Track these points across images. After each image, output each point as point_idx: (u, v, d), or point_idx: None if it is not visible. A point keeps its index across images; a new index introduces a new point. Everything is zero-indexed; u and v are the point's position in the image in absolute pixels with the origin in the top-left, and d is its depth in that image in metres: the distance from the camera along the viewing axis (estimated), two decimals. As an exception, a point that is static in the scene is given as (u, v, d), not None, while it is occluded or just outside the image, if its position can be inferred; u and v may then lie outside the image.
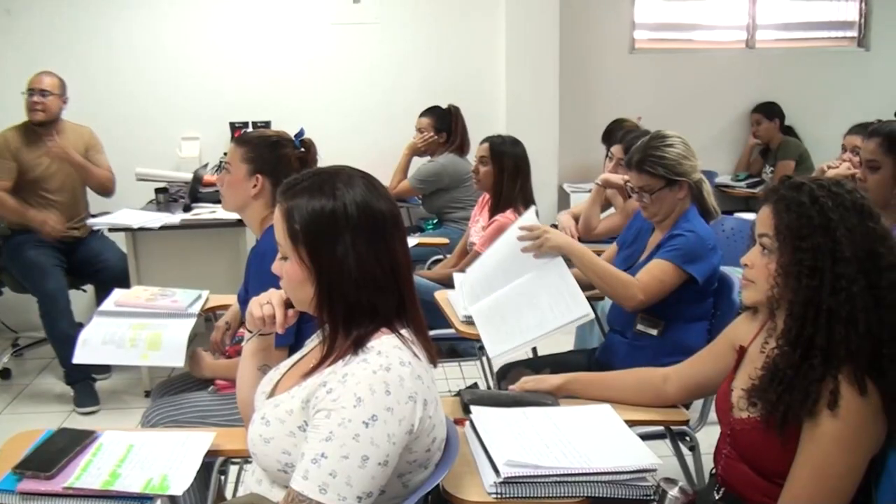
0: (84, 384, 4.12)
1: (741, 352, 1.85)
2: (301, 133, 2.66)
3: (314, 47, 5.32)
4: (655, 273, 2.55)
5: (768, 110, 5.86)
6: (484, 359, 3.42)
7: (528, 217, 2.72)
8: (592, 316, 2.38)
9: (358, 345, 1.52)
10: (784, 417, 1.59)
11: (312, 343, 1.75)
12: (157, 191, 4.73)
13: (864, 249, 1.59)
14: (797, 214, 1.64)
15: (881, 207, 2.76)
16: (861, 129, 3.60)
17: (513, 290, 2.61)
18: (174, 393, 2.66)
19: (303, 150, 2.63)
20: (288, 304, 1.70)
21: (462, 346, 3.46)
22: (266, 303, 1.72)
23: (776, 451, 1.63)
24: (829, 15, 6.30)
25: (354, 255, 1.52)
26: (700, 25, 6.15)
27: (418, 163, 4.96)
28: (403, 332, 1.57)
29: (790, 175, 1.80)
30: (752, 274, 1.74)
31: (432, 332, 3.12)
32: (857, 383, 1.54)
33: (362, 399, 1.43)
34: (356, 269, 1.52)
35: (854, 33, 6.28)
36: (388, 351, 1.51)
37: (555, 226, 4.23)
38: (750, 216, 3.48)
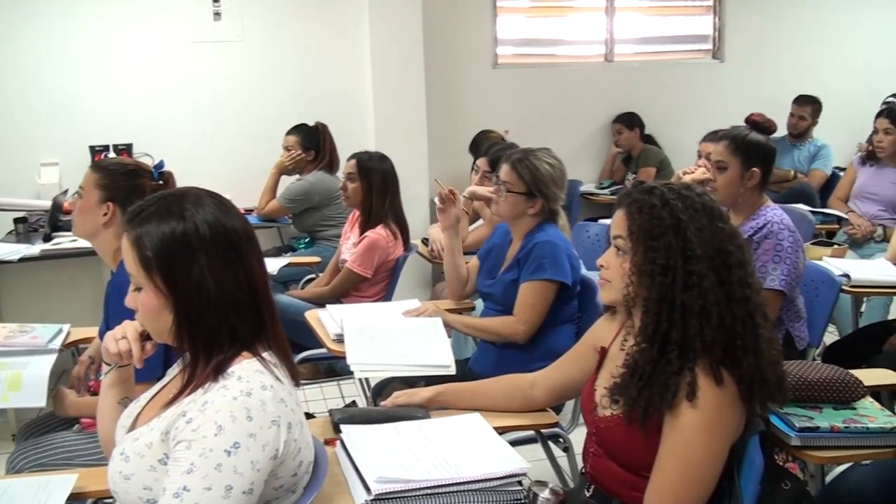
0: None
1: (602, 352, 1.90)
2: (161, 165, 2.59)
3: (176, 66, 5.17)
4: (526, 300, 2.67)
5: (629, 120, 6.08)
6: (363, 377, 3.38)
7: (412, 303, 2.91)
8: (453, 370, 2.43)
9: (218, 371, 1.47)
10: (645, 412, 1.64)
11: (174, 372, 1.68)
12: (16, 220, 4.46)
13: (713, 248, 1.67)
14: (649, 216, 1.70)
15: (730, 205, 2.93)
16: (714, 136, 3.77)
17: (389, 322, 2.70)
18: (40, 434, 2.53)
19: (160, 182, 2.55)
20: (145, 336, 1.64)
21: (340, 365, 3.44)
22: (121, 337, 1.65)
23: (640, 446, 1.67)
24: (685, 29, 6.61)
25: (212, 276, 1.47)
26: (561, 41, 6.33)
27: (287, 181, 4.89)
28: (265, 355, 1.53)
29: (643, 180, 1.86)
30: (608, 274, 1.80)
31: (309, 353, 3.15)
32: (714, 374, 1.60)
33: (223, 427, 1.38)
34: (214, 290, 1.47)
35: (709, 46, 6.60)
36: (249, 375, 1.46)
37: (426, 240, 4.26)
38: (612, 222, 3.60)
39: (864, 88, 6.47)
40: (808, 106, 5.77)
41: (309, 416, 2.90)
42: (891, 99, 5.47)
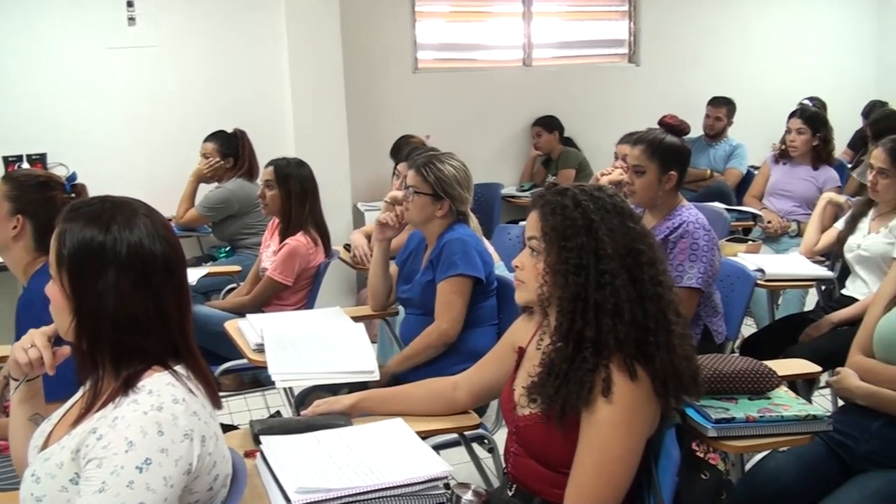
0: None
1: (520, 352, 1.92)
2: (73, 177, 2.53)
3: (91, 73, 5.01)
4: (444, 299, 2.69)
5: (548, 123, 6.14)
6: (285, 387, 3.34)
7: (334, 311, 2.98)
8: (377, 376, 2.42)
9: (128, 385, 1.44)
10: (563, 409, 1.66)
11: (85, 388, 1.63)
12: (-74, 235, 4.28)
13: (625, 247, 1.70)
14: (562, 217, 1.73)
15: (649, 208, 2.98)
16: (630, 137, 3.84)
17: (310, 330, 2.68)
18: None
19: (73, 194, 2.48)
20: (57, 342, 1.59)
21: (264, 375, 3.36)
22: (30, 346, 1.60)
23: (559, 443, 1.69)
24: (602, 34, 6.72)
25: (115, 293, 1.45)
26: (481, 46, 6.36)
27: (206, 190, 4.80)
28: (178, 368, 1.51)
29: (556, 182, 1.89)
30: (522, 275, 1.81)
31: (230, 364, 3.09)
32: (628, 370, 1.63)
33: (134, 443, 1.35)
34: (114, 307, 1.45)
35: (625, 50, 6.72)
36: (161, 389, 1.44)
37: (347, 246, 4.23)
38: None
39: (777, 90, 6.70)
40: (722, 107, 5.92)
41: (233, 427, 2.85)
42: (804, 101, 5.65)
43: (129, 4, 5.00)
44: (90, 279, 1.45)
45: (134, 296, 1.46)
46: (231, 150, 4.77)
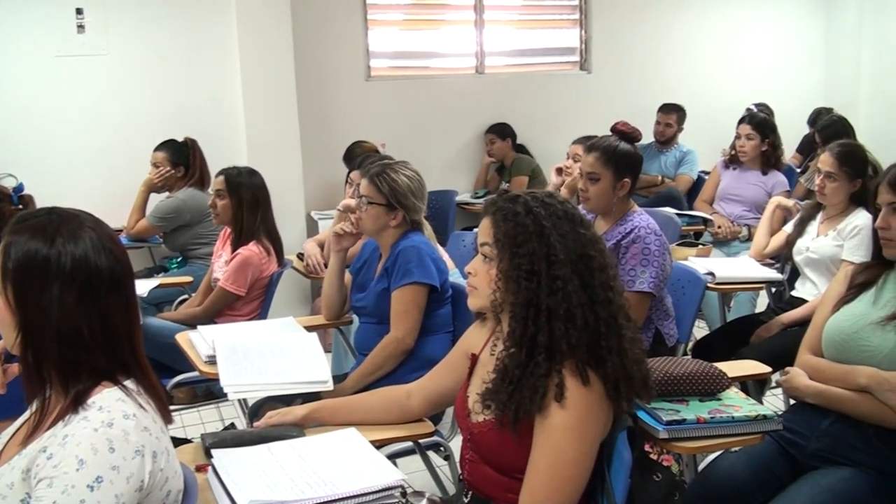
0: None
1: (474, 359, 1.92)
2: (20, 188, 2.49)
3: (40, 82, 4.91)
4: (399, 308, 2.68)
5: (501, 131, 6.16)
6: (237, 398, 3.30)
7: (287, 321, 2.97)
8: (331, 385, 2.40)
9: (78, 402, 1.42)
10: (516, 415, 1.66)
11: (35, 406, 1.59)
12: None
13: (576, 252, 1.71)
14: (514, 223, 1.74)
15: (603, 214, 3.00)
16: (583, 139, 3.90)
17: (263, 340, 2.64)
18: None
19: (20, 206, 2.44)
20: (7, 359, 1.56)
21: (218, 388, 3.32)
22: None
23: (513, 448, 1.69)
24: (553, 42, 6.76)
25: (59, 308, 1.42)
26: (434, 53, 6.37)
27: (157, 199, 4.73)
28: (128, 383, 1.48)
29: (507, 189, 1.90)
30: (475, 281, 1.82)
31: (183, 376, 3.05)
32: (580, 375, 1.64)
33: (84, 461, 1.33)
34: (58, 323, 1.42)
35: (576, 58, 6.77)
36: (111, 405, 1.41)
37: (301, 255, 4.20)
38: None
39: (726, 96, 6.81)
40: (673, 113, 6.00)
41: (187, 441, 2.81)
42: (751, 107, 5.75)
43: (79, 12, 4.92)
44: (35, 293, 1.43)
45: (78, 310, 1.44)
46: (182, 159, 4.72)
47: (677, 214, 4.57)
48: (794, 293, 3.56)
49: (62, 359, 1.44)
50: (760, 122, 4.90)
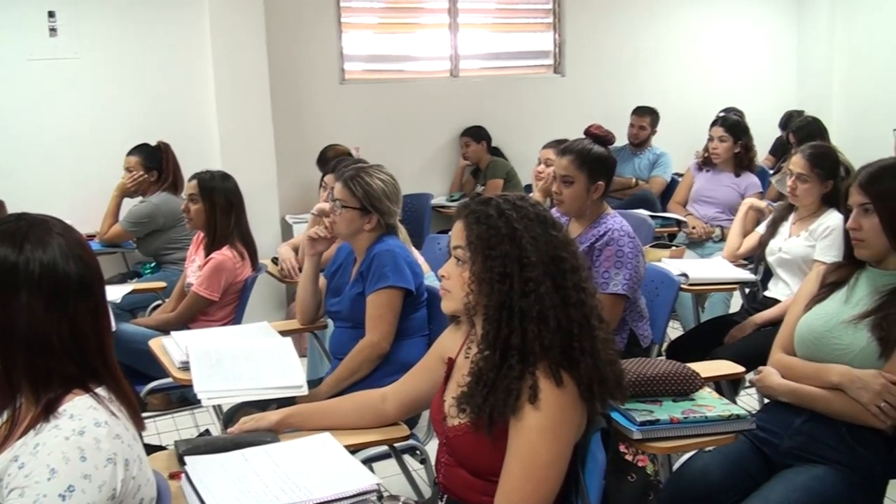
0: None
1: (450, 363, 1.92)
2: None
3: (11, 85, 4.86)
4: (374, 312, 2.67)
5: (476, 134, 6.17)
6: (211, 405, 3.28)
7: (261, 326, 2.95)
8: (306, 391, 2.38)
9: (49, 410, 1.40)
10: (491, 418, 1.66)
11: (6, 415, 1.57)
12: None
13: (548, 255, 1.72)
14: (486, 226, 1.74)
15: (576, 216, 3.01)
16: (553, 143, 3.91)
17: (236, 346, 2.62)
18: None
19: None
20: None
21: (192, 394, 3.29)
22: None
23: (488, 451, 1.69)
24: (527, 45, 6.80)
25: (27, 315, 1.40)
26: (408, 57, 6.37)
27: (130, 204, 4.69)
28: (99, 390, 1.46)
29: (479, 193, 1.90)
30: (448, 284, 1.82)
31: (156, 383, 3.02)
32: (554, 376, 1.64)
33: (56, 470, 1.31)
34: (26, 330, 1.40)
35: (550, 61, 6.81)
36: (82, 413, 1.40)
37: (275, 259, 4.18)
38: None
39: (699, 99, 6.88)
40: (646, 116, 6.04)
41: (162, 448, 2.78)
42: (720, 113, 5.80)
43: (51, 15, 4.88)
44: (2, 300, 1.41)
45: (47, 317, 1.42)
46: (155, 163, 4.69)
47: (651, 216, 4.59)
48: (767, 293, 3.59)
49: (32, 366, 1.42)
50: (733, 124, 4.94)
